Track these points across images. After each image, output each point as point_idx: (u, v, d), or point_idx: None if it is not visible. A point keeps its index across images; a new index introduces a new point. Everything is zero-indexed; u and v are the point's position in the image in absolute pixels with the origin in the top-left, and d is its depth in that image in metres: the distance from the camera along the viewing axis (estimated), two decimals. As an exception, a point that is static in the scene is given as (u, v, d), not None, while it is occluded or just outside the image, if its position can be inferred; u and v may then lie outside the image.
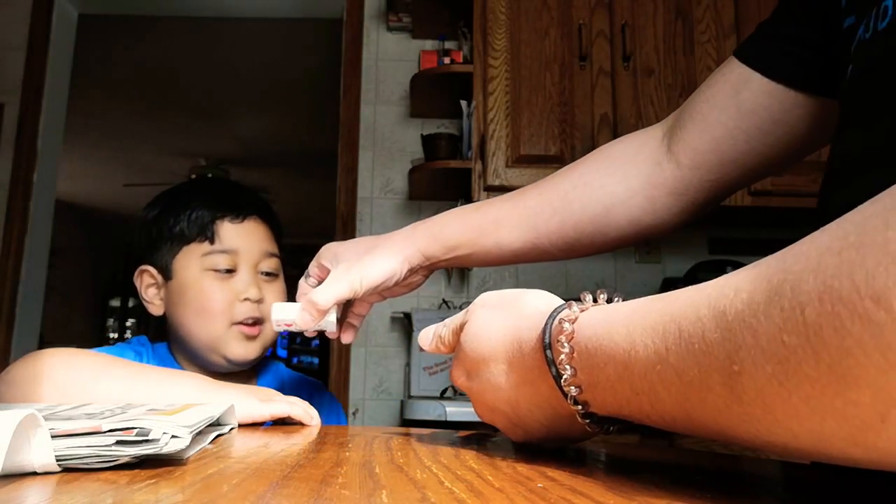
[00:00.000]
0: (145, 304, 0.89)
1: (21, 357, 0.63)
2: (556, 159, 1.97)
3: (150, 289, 0.88)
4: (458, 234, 0.71)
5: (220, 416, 0.50)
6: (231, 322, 0.84)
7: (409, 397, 2.10)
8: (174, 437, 0.34)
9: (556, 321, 0.37)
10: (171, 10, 3.23)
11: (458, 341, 0.46)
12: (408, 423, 1.90)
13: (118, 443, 0.33)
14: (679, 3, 2.07)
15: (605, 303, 0.38)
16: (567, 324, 0.36)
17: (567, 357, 0.35)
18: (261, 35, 3.58)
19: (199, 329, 0.84)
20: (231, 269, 0.85)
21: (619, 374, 0.32)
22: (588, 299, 0.38)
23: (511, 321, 0.42)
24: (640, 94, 2.02)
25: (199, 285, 0.84)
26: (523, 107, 2.02)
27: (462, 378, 0.46)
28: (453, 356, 0.48)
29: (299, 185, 5.85)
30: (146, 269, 0.88)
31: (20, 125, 2.49)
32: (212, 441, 0.45)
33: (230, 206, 0.87)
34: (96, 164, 5.55)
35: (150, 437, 0.33)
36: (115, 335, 7.53)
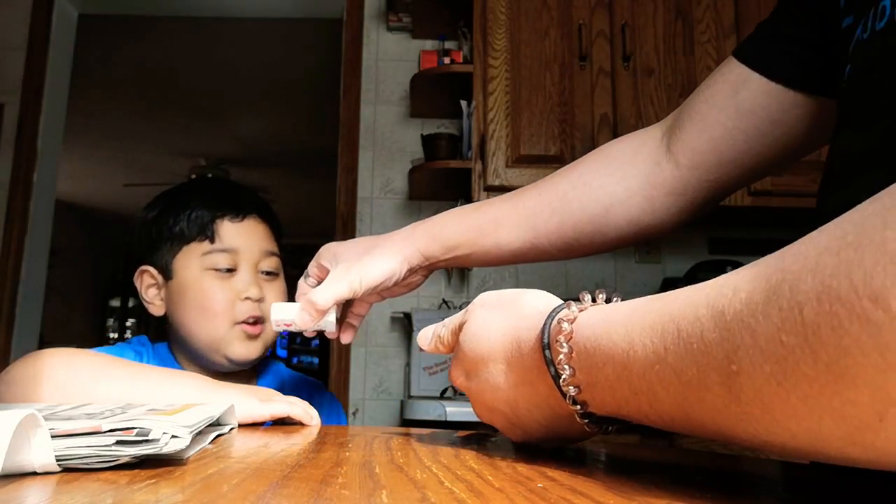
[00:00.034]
0: (146, 305, 0.88)
1: (21, 357, 0.63)
2: (556, 159, 1.97)
3: (151, 289, 0.88)
4: (457, 234, 0.71)
5: (220, 416, 0.50)
6: (233, 322, 0.84)
7: (409, 397, 2.10)
8: (174, 437, 0.35)
9: (554, 321, 0.37)
10: (171, 10, 3.23)
11: (457, 341, 0.46)
12: (408, 423, 1.90)
13: (118, 443, 0.33)
14: (679, 3, 2.07)
15: (604, 303, 0.38)
16: (566, 324, 0.36)
17: (566, 357, 0.35)
18: (261, 35, 3.58)
19: (200, 329, 0.84)
20: (231, 269, 0.85)
21: (618, 374, 0.32)
22: (587, 299, 0.38)
23: (510, 321, 0.42)
24: (640, 94, 2.02)
25: (200, 285, 0.84)
26: (523, 107, 2.02)
27: (461, 378, 0.46)
28: (452, 356, 0.48)
29: (299, 185, 5.85)
30: (146, 270, 0.88)
31: (20, 125, 2.49)
32: (212, 441, 0.45)
33: (230, 205, 0.87)
34: (96, 164, 5.55)
35: (150, 437, 0.33)
36: (115, 335, 7.53)
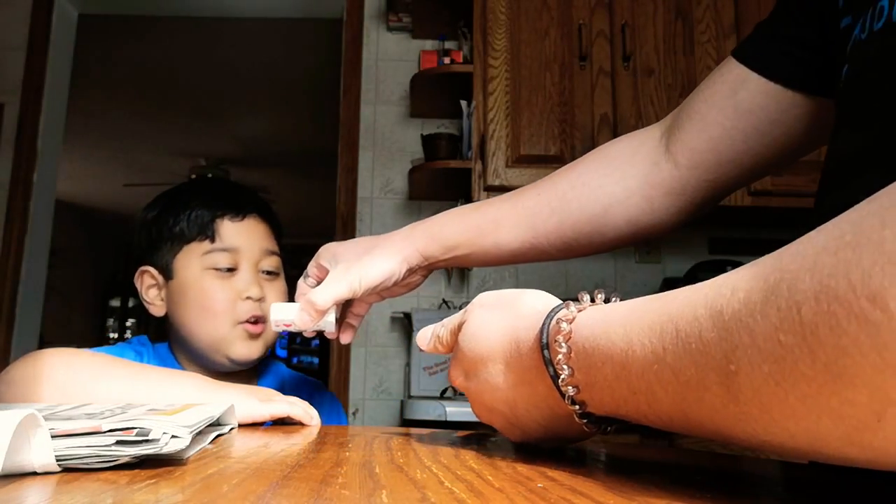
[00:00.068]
0: (146, 306, 0.88)
1: (21, 357, 0.63)
2: (556, 159, 1.97)
3: (152, 289, 0.88)
4: (456, 234, 0.71)
5: (220, 416, 0.50)
6: (234, 321, 0.83)
7: (409, 397, 2.10)
8: (174, 437, 0.35)
9: (553, 321, 0.37)
10: (171, 10, 3.23)
11: (455, 341, 0.46)
12: (408, 423, 1.90)
13: (118, 443, 0.33)
14: (679, 3, 2.07)
15: (603, 303, 0.38)
16: (564, 324, 0.36)
17: (564, 357, 0.35)
18: (261, 35, 3.58)
19: (201, 329, 0.84)
20: (232, 268, 0.85)
21: (617, 374, 0.32)
22: (586, 299, 0.38)
23: (509, 321, 0.42)
24: (640, 94, 2.02)
25: (200, 284, 0.84)
26: (523, 107, 2.02)
27: (460, 378, 0.46)
28: (451, 356, 0.48)
29: (299, 185, 5.85)
30: (147, 270, 0.87)
31: (20, 125, 2.49)
32: (212, 441, 0.45)
33: (230, 204, 0.87)
34: (96, 164, 5.55)
35: (150, 437, 0.33)
36: (115, 335, 7.53)
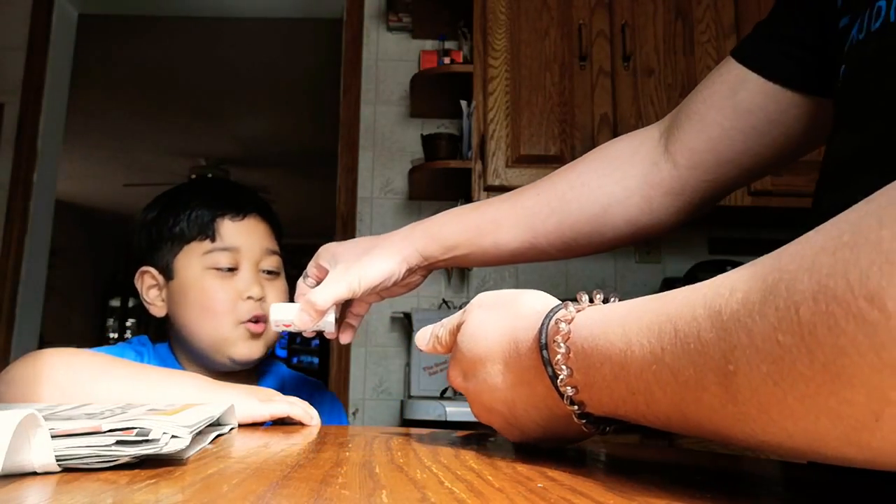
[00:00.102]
0: (147, 306, 0.88)
1: (21, 357, 0.63)
2: (556, 159, 1.96)
3: (152, 290, 0.88)
4: (456, 234, 0.71)
5: (220, 416, 0.50)
6: (236, 321, 0.83)
7: (409, 397, 2.10)
8: (174, 437, 0.35)
9: (552, 321, 0.37)
10: (171, 10, 3.23)
11: (454, 342, 0.46)
12: (408, 423, 1.90)
13: (118, 443, 0.33)
14: (679, 3, 2.07)
15: (602, 303, 0.38)
16: (563, 324, 0.36)
17: (563, 357, 0.35)
18: (261, 35, 3.59)
19: (203, 329, 0.84)
20: (233, 268, 0.85)
21: (615, 374, 0.32)
22: (584, 299, 0.38)
23: (508, 321, 0.42)
24: (640, 94, 2.02)
25: (201, 284, 0.84)
26: (523, 107, 2.02)
27: (459, 378, 0.46)
28: (450, 357, 0.48)
29: (299, 185, 5.85)
30: (147, 271, 0.87)
31: (20, 125, 2.49)
32: (212, 441, 0.45)
33: (230, 204, 0.87)
34: (96, 164, 5.55)
35: (150, 437, 0.33)
36: (115, 335, 7.53)
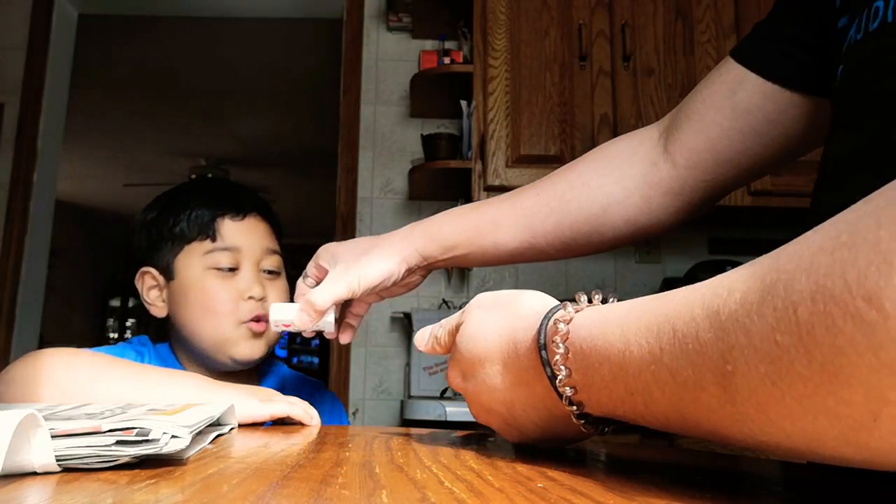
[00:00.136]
0: (147, 307, 0.88)
1: (21, 357, 0.64)
2: (556, 159, 1.96)
3: (153, 291, 0.87)
4: (455, 234, 0.71)
5: (220, 416, 0.50)
6: (237, 321, 0.83)
7: (409, 397, 2.10)
8: (174, 437, 0.35)
9: (551, 322, 0.37)
10: (171, 10, 3.23)
11: (453, 342, 0.46)
12: (408, 423, 1.90)
13: (118, 443, 0.33)
14: (679, 3, 2.07)
15: (600, 303, 0.38)
16: (562, 324, 0.36)
17: (562, 358, 0.35)
18: (261, 35, 3.58)
19: (204, 329, 0.83)
20: (233, 268, 0.84)
21: (614, 375, 0.32)
22: (583, 300, 0.38)
23: (506, 322, 0.42)
24: (640, 94, 2.02)
25: (202, 285, 0.83)
26: (523, 107, 2.02)
27: (458, 379, 0.46)
28: (449, 357, 0.48)
29: (299, 185, 5.85)
30: (147, 271, 0.87)
31: (20, 125, 2.49)
32: (212, 441, 0.45)
33: (230, 203, 0.87)
34: (96, 164, 5.55)
35: (150, 437, 0.33)
36: (115, 335, 7.53)
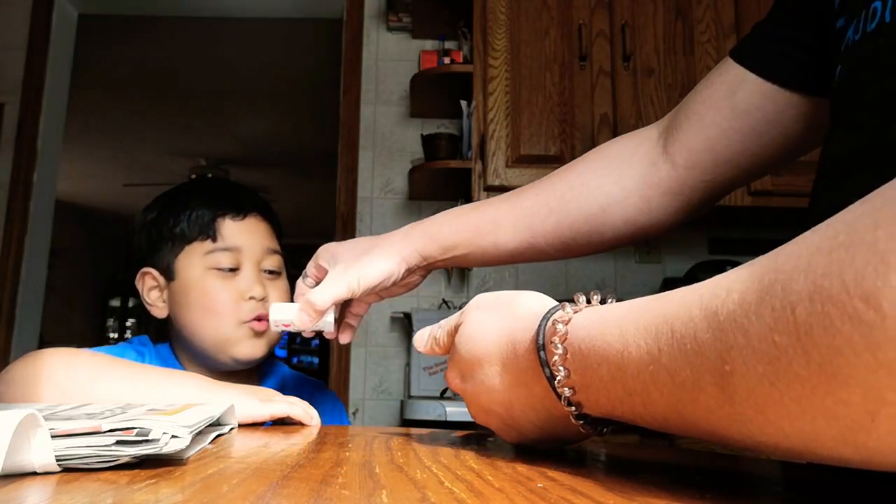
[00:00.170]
0: (148, 308, 0.87)
1: (21, 357, 0.64)
2: (556, 159, 1.96)
3: (153, 291, 0.87)
4: (455, 234, 0.71)
5: (220, 416, 0.51)
6: (239, 321, 0.83)
7: (409, 397, 2.10)
8: (174, 437, 0.35)
9: (549, 322, 0.37)
10: (171, 10, 3.23)
11: (452, 343, 0.47)
12: (408, 423, 1.90)
13: (118, 443, 0.33)
14: (679, 3, 2.07)
15: (599, 304, 0.38)
16: (560, 325, 0.36)
17: (560, 358, 0.35)
18: (261, 35, 3.59)
19: (205, 329, 0.83)
20: (234, 268, 0.84)
21: (613, 375, 0.32)
22: (581, 300, 0.38)
23: (505, 323, 0.42)
24: (640, 94, 2.02)
25: (203, 285, 0.83)
26: (523, 107, 2.02)
27: (457, 380, 0.46)
28: (448, 358, 0.48)
29: (299, 185, 5.85)
30: (148, 272, 0.87)
31: (20, 125, 2.49)
32: (212, 441, 0.45)
33: (230, 203, 0.86)
34: (96, 164, 5.55)
35: (150, 437, 0.33)
36: (115, 335, 7.53)
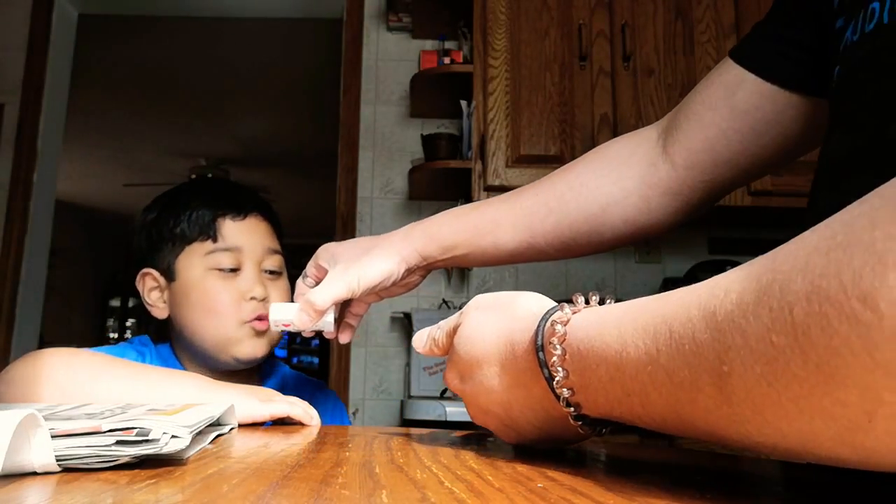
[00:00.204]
0: (149, 308, 0.87)
1: (21, 357, 0.64)
2: (556, 159, 1.96)
3: (154, 292, 0.87)
4: (454, 234, 0.71)
5: (220, 416, 0.51)
6: (240, 321, 0.83)
7: (409, 397, 2.10)
8: (174, 437, 0.35)
9: (548, 323, 0.37)
10: (171, 10, 3.23)
11: (451, 344, 0.47)
12: (408, 423, 1.90)
13: (118, 443, 0.33)
14: (679, 3, 2.07)
15: (597, 304, 0.38)
16: (559, 326, 0.36)
17: (559, 359, 0.35)
18: (261, 35, 3.59)
19: (206, 330, 0.83)
20: (235, 268, 0.84)
21: (611, 376, 0.32)
22: (580, 301, 0.38)
23: (504, 323, 0.42)
24: (640, 94, 2.02)
25: (204, 285, 0.83)
26: (523, 107, 2.02)
27: (456, 381, 0.46)
28: (447, 359, 0.48)
29: (299, 185, 5.85)
30: (148, 272, 0.87)
31: (20, 125, 2.49)
32: (212, 441, 0.46)
33: (230, 203, 0.86)
34: (96, 164, 5.55)
35: (150, 437, 0.34)
36: (115, 335, 7.53)
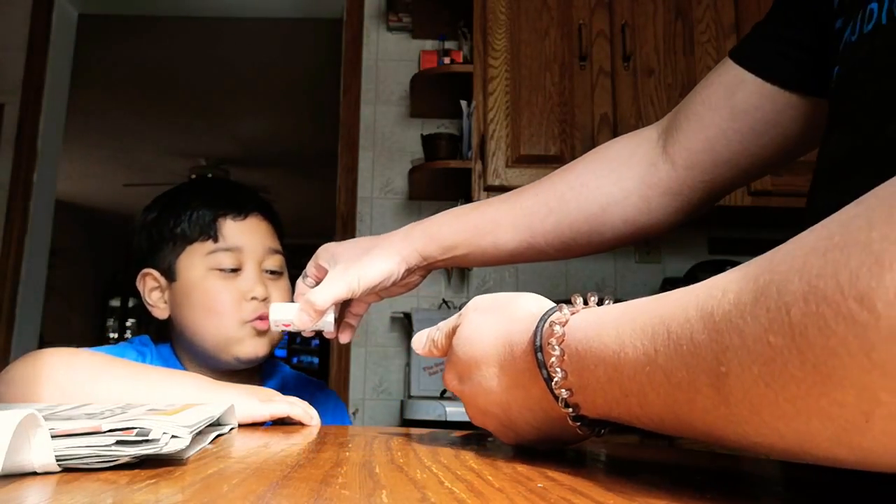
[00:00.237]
0: (149, 309, 0.87)
1: (21, 357, 0.64)
2: (556, 159, 1.96)
3: (154, 292, 0.87)
4: (455, 234, 0.71)
5: (220, 416, 0.51)
6: (241, 321, 0.83)
7: (409, 397, 2.10)
8: (174, 437, 0.35)
9: (546, 324, 0.37)
10: (171, 10, 3.23)
11: (450, 345, 0.47)
12: (408, 423, 1.90)
13: (118, 443, 0.33)
14: (679, 3, 2.07)
15: (596, 305, 0.38)
16: (558, 326, 0.36)
17: (558, 360, 0.35)
18: (261, 35, 3.59)
19: (207, 330, 0.83)
20: (236, 268, 0.84)
21: (609, 376, 0.32)
22: (579, 302, 0.38)
23: (503, 324, 0.42)
24: (640, 94, 2.02)
25: (205, 286, 0.83)
26: (523, 107, 2.02)
27: (454, 382, 0.46)
28: (446, 360, 0.48)
29: (299, 185, 5.85)
30: (149, 273, 0.87)
31: (20, 125, 2.49)
32: (212, 441, 0.46)
33: (231, 203, 0.86)
34: (96, 164, 5.55)
35: (150, 437, 0.34)
36: (115, 335, 7.53)
